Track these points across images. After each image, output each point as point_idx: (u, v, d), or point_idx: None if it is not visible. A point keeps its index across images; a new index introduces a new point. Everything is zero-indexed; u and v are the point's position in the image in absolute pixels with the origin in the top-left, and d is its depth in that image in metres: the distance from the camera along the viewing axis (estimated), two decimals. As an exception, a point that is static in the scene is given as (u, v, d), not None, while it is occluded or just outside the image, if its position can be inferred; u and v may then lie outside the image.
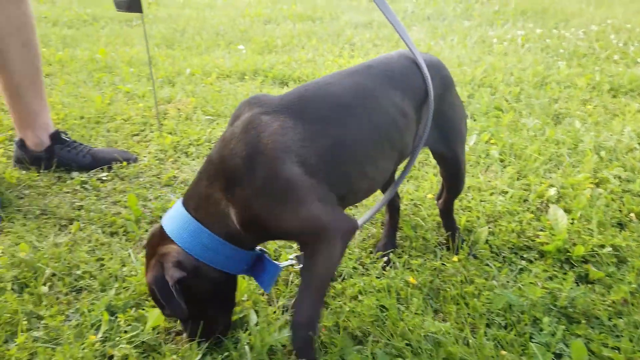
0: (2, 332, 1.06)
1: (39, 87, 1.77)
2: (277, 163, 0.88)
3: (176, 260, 0.91)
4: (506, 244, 1.42)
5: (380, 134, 1.02)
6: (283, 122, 0.91)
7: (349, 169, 0.98)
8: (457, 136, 1.26)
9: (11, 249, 1.32)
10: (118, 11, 1.84)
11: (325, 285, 0.97)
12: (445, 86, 1.21)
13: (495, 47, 3.54)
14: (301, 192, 0.89)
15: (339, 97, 0.99)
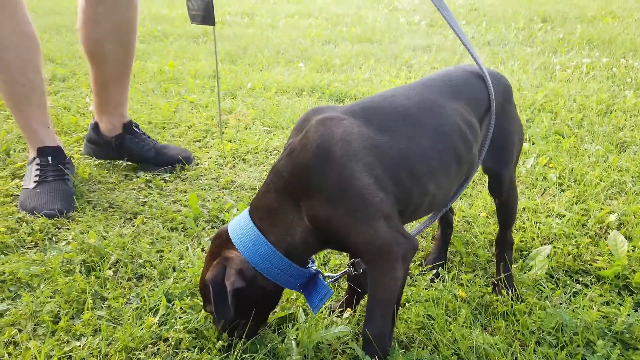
0: (70, 309, 1.14)
1: (125, 83, 1.88)
2: (347, 172, 0.87)
3: (240, 269, 0.93)
4: (561, 266, 1.39)
5: (446, 146, 1.00)
6: (348, 129, 0.91)
7: (413, 183, 0.95)
8: (507, 152, 1.20)
9: (81, 236, 1.42)
10: (192, 23, 1.96)
11: (391, 302, 0.96)
12: (506, 96, 1.19)
13: (558, 73, 3.47)
14: (370, 206, 0.88)
15: (404, 108, 0.98)
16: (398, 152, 0.93)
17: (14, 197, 1.68)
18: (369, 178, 0.89)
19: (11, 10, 1.55)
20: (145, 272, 1.29)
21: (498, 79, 1.19)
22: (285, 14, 6.54)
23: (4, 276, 1.25)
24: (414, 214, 1.02)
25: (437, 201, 1.04)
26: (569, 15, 6.16)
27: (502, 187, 1.22)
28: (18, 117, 1.67)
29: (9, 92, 1.62)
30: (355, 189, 0.88)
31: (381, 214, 0.89)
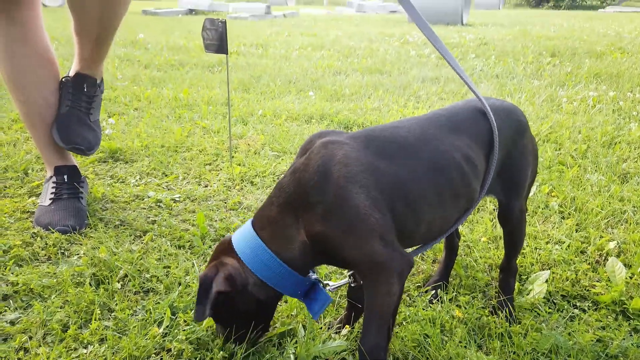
0: (79, 319, 1.19)
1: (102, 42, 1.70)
2: (343, 191, 0.93)
3: (229, 274, 0.99)
4: (559, 291, 1.41)
5: (441, 179, 1.03)
6: (348, 152, 0.96)
7: (407, 210, 0.99)
8: (518, 183, 1.22)
9: (92, 251, 1.48)
10: (207, 52, 2.06)
11: (387, 317, 0.98)
12: (518, 130, 1.20)
13: (565, 106, 3.52)
14: (365, 225, 0.93)
15: (403, 139, 1.03)
16: (393, 178, 0.98)
17: (30, 213, 1.75)
18: (365, 199, 0.94)
19: (34, 34, 1.64)
20: (152, 286, 1.33)
21: (509, 113, 1.20)
22: (298, 45, 6.72)
23: (17, 287, 1.30)
24: (410, 240, 1.06)
25: (434, 229, 1.08)
26: (577, 50, 6.26)
27: (511, 217, 1.24)
28: (35, 136, 1.75)
29: (26, 112, 1.71)
30: (351, 208, 0.93)
31: (376, 233, 0.94)
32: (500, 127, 1.15)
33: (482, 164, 1.11)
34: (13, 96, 1.71)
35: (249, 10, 14.08)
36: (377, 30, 9.13)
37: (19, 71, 1.65)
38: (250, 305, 1.02)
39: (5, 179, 2.02)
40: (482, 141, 1.12)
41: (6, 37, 1.61)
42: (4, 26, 1.59)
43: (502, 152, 1.15)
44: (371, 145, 1.00)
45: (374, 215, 0.93)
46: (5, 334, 1.14)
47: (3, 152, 2.28)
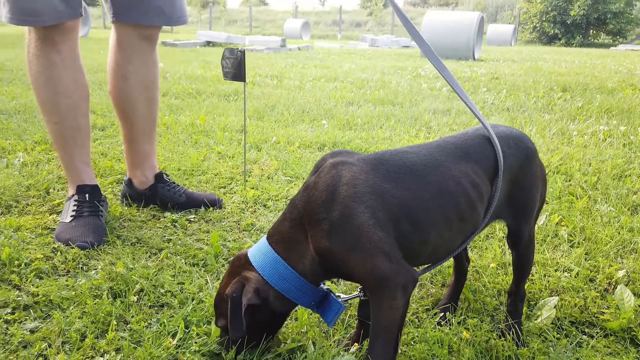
0: (96, 329, 1.22)
1: (152, 134, 2.07)
2: (349, 210, 0.98)
3: (257, 287, 1.04)
4: (568, 317, 1.41)
5: (448, 203, 1.07)
6: (356, 174, 1.02)
7: (413, 231, 1.03)
8: (527, 209, 1.24)
9: (110, 266, 1.53)
10: (225, 79, 2.15)
11: (392, 331, 1.01)
12: (527, 157, 1.23)
13: (575, 139, 3.55)
14: (368, 242, 0.97)
15: (412, 164, 1.07)
16: (400, 200, 1.02)
17: (51, 230, 1.81)
18: (370, 219, 0.98)
19: (72, 60, 1.76)
20: (167, 300, 1.37)
21: (517, 140, 1.23)
22: (312, 77, 6.87)
23: (38, 298, 1.35)
24: (416, 260, 1.09)
25: (440, 251, 1.11)
26: (589, 86, 6.32)
27: (520, 242, 1.27)
28: (63, 155, 1.83)
29: (58, 132, 1.80)
30: (355, 226, 0.97)
31: (380, 250, 0.98)
32: (508, 154, 1.18)
33: (487, 190, 1.15)
34: (46, 118, 1.80)
35: (264, 43, 14.45)
36: (389, 64, 9.31)
37: (56, 94, 1.75)
38: (267, 317, 1.06)
39: (28, 197, 2.09)
40: (488, 167, 1.16)
41: (47, 62, 1.72)
42: (47, 52, 1.71)
43: (510, 177, 1.19)
44: (380, 168, 1.05)
45: (377, 233, 0.98)
46: (26, 341, 1.18)
47: (26, 172, 2.36)
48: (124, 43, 1.89)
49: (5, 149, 2.74)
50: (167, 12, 1.88)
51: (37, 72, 1.73)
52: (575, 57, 13.15)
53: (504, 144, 1.19)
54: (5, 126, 3.23)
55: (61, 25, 1.68)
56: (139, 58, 1.92)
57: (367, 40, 19.12)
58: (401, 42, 19.14)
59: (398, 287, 0.99)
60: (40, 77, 1.73)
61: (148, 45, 1.93)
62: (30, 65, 1.74)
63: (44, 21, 1.63)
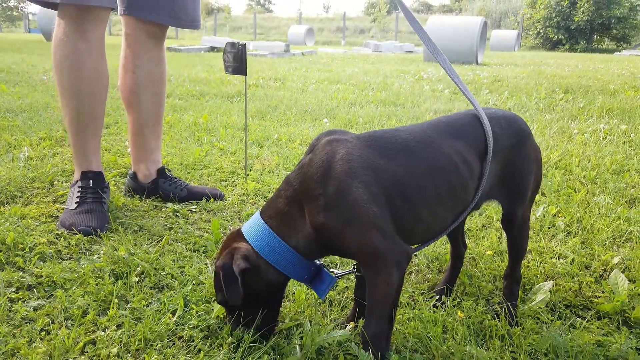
0: (98, 307, 1.25)
1: (158, 129, 2.11)
2: (344, 185, 1.00)
3: (244, 255, 1.06)
4: (562, 300, 1.43)
5: (439, 178, 1.09)
6: (350, 150, 1.04)
7: (406, 206, 1.05)
8: (520, 190, 1.26)
9: (112, 251, 1.56)
10: (226, 74, 2.18)
11: (387, 306, 1.03)
12: (519, 138, 1.23)
13: (576, 137, 3.57)
14: (364, 217, 0.99)
15: (404, 140, 1.10)
16: (393, 175, 1.05)
17: (54, 217, 1.84)
18: (364, 194, 1.00)
19: (97, 50, 1.82)
20: (167, 282, 1.40)
21: (510, 122, 1.24)
22: (315, 80, 6.92)
23: (41, 279, 1.38)
24: (409, 236, 1.10)
25: (432, 229, 1.14)
26: (591, 88, 6.33)
27: (513, 224, 1.28)
28: (75, 141, 1.87)
29: (74, 117, 1.84)
30: (350, 201, 1.00)
31: (374, 225, 1.00)
32: (500, 135, 1.20)
33: (478, 168, 1.16)
34: (64, 102, 1.85)
35: (268, 48, 14.54)
36: (392, 68, 9.36)
37: (78, 80, 1.81)
38: (262, 287, 1.09)
39: (33, 188, 2.13)
40: (478, 146, 1.17)
41: (73, 48, 1.78)
42: (75, 40, 1.77)
43: (502, 158, 1.20)
44: (373, 144, 1.07)
45: (372, 208, 1.00)
46: (29, 317, 1.21)
47: (32, 165, 2.40)
48: (131, 37, 1.94)
49: (11, 144, 2.79)
50: (179, 14, 1.94)
51: (62, 57, 1.78)
52: (579, 61, 13.17)
53: (495, 125, 1.20)
54: (11, 123, 3.28)
55: (95, 11, 1.75)
56: (146, 54, 1.97)
57: (371, 45, 19.20)
58: (405, 47, 19.21)
59: (392, 263, 1.01)
60: (65, 62, 1.78)
61: (155, 42, 1.98)
62: (55, 49, 1.80)
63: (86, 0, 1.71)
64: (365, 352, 1.04)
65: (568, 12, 26.77)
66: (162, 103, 2.10)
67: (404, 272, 1.04)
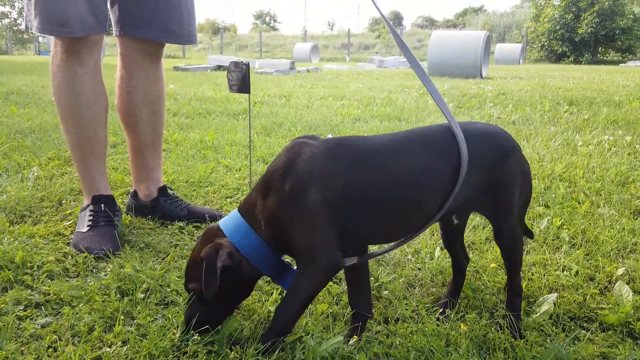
0: (104, 323, 1.27)
1: (158, 148, 2.14)
2: (300, 185, 1.09)
3: (230, 252, 1.14)
4: (567, 313, 1.43)
5: (400, 188, 1.13)
6: (314, 153, 1.12)
7: (362, 212, 1.11)
8: (505, 204, 1.25)
9: (118, 268, 1.58)
10: (230, 92, 2.22)
11: (305, 299, 1.13)
12: (501, 154, 1.23)
13: (580, 149, 3.57)
14: (311, 217, 1.08)
15: (369, 148, 1.15)
16: (351, 181, 1.11)
17: (62, 236, 1.87)
18: (317, 197, 1.08)
19: (94, 73, 1.84)
20: (172, 298, 1.41)
21: (491, 137, 1.25)
22: (319, 96, 6.98)
23: (49, 296, 1.40)
24: (364, 240, 1.18)
25: (392, 234, 1.21)
26: (595, 99, 6.34)
27: (502, 237, 1.29)
28: (80, 165, 1.90)
29: (77, 142, 1.87)
30: (302, 201, 1.08)
31: (318, 228, 1.09)
32: (479, 151, 1.20)
33: (449, 180, 1.17)
34: (66, 128, 1.88)
35: (274, 66, 14.70)
36: (397, 83, 9.42)
37: (78, 105, 1.83)
38: (236, 282, 1.17)
39: (41, 207, 2.16)
40: (452, 159, 1.17)
41: (71, 74, 1.81)
42: (71, 64, 1.80)
43: (483, 173, 1.21)
44: (339, 151, 1.13)
45: (320, 212, 1.08)
46: (37, 335, 1.23)
47: (40, 185, 2.44)
48: (126, 58, 1.97)
49: (21, 165, 2.84)
50: (174, 29, 1.95)
51: (61, 83, 1.81)
52: (584, 73, 13.18)
53: (475, 140, 1.20)
54: (21, 144, 3.34)
55: (87, 38, 1.77)
56: (142, 73, 1.99)
57: (375, 61, 19.34)
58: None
59: (322, 268, 1.11)
60: (64, 88, 1.82)
61: (151, 60, 2.01)
62: (54, 76, 1.83)
63: (73, 32, 1.72)
64: (272, 325, 1.14)
65: (572, 24, 26.87)
66: (161, 122, 2.12)
67: (330, 278, 1.14)
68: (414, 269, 1.70)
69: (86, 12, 1.72)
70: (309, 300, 1.14)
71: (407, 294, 1.53)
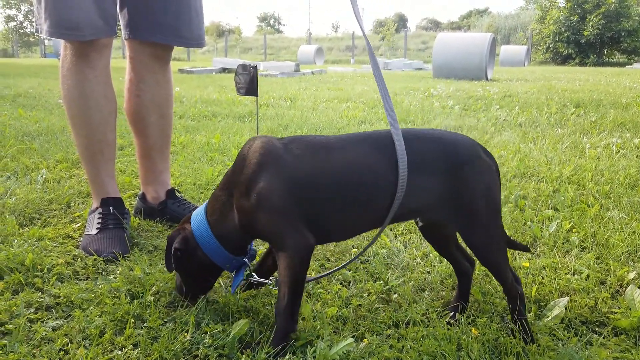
0: (114, 326, 1.27)
1: (166, 151, 2.15)
2: (256, 175, 1.16)
3: (184, 236, 1.29)
4: (578, 317, 1.42)
5: (347, 183, 1.17)
6: (266, 145, 1.19)
7: (314, 203, 1.16)
8: (471, 213, 1.23)
9: (127, 271, 1.58)
10: (238, 95, 2.22)
11: (291, 287, 1.16)
12: (458, 163, 1.21)
13: (588, 151, 3.56)
14: (271, 204, 1.14)
15: (321, 143, 1.21)
16: (303, 173, 1.17)
17: (71, 238, 1.87)
18: (276, 184, 1.15)
19: (104, 76, 1.85)
20: (182, 301, 1.41)
21: (449, 145, 1.23)
22: (325, 98, 6.98)
23: (59, 299, 1.41)
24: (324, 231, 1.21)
25: (348, 228, 1.26)
26: (602, 102, 6.31)
27: (472, 247, 1.27)
28: (89, 168, 1.90)
29: (86, 145, 1.87)
30: (260, 189, 1.15)
31: (279, 213, 1.15)
32: (432, 157, 1.20)
33: (392, 182, 1.18)
34: (75, 131, 1.88)
35: (278, 68, 14.72)
36: (402, 85, 9.42)
37: (87, 108, 1.84)
38: (195, 266, 1.31)
39: (50, 210, 2.17)
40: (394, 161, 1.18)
41: (81, 77, 1.81)
42: (81, 68, 1.81)
43: (437, 180, 1.20)
44: (292, 145, 1.19)
45: (281, 198, 1.14)
46: (48, 338, 1.23)
47: (49, 187, 2.45)
48: (136, 61, 1.98)
49: (29, 167, 2.85)
50: (183, 32, 1.96)
51: (71, 86, 1.82)
52: (590, 75, 13.13)
53: (431, 147, 1.21)
54: (29, 147, 3.35)
55: (97, 41, 1.78)
56: (151, 77, 2.00)
57: (380, 63, 19.34)
58: (414, 64, 19.33)
59: (293, 251, 1.15)
60: (74, 91, 1.82)
61: (160, 64, 2.01)
62: (64, 79, 1.83)
63: (84, 35, 1.73)
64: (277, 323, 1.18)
65: (577, 26, 26.80)
66: (169, 125, 2.12)
67: (306, 259, 1.16)
68: (423, 272, 1.69)
69: (96, 16, 1.73)
70: (297, 285, 1.17)
71: (417, 298, 1.52)
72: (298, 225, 1.15)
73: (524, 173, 2.94)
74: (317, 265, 1.72)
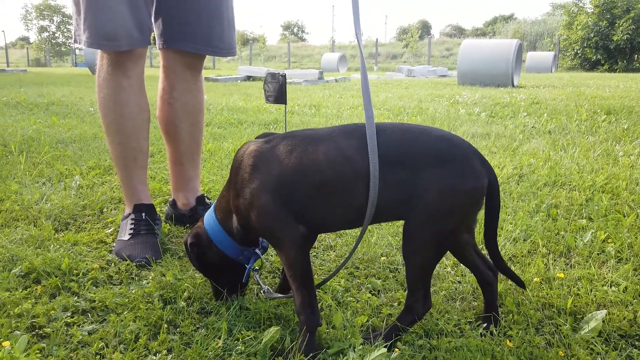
0: (148, 331, 1.29)
1: (196, 158, 2.18)
2: (247, 175, 1.22)
3: (196, 233, 1.38)
4: (617, 330, 1.38)
5: (331, 173, 1.17)
6: (259, 147, 1.25)
7: (304, 199, 1.19)
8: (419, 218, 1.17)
9: (159, 276, 1.60)
10: (267, 103, 2.24)
11: (302, 276, 1.20)
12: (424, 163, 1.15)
13: (621, 160, 3.47)
14: (260, 203, 1.19)
15: (311, 137, 1.22)
16: (291, 171, 1.19)
17: (105, 244, 1.91)
18: (262, 185, 1.19)
19: (138, 85, 1.90)
20: (213, 307, 1.43)
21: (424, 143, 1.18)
22: (349, 106, 6.99)
23: (94, 303, 1.43)
24: (314, 225, 1.23)
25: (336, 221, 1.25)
26: (635, 108, 6.15)
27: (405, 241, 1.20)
28: (123, 175, 1.95)
29: (121, 152, 1.92)
30: (251, 187, 1.21)
31: (269, 210, 1.19)
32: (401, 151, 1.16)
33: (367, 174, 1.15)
34: (110, 138, 1.93)
35: (302, 76, 14.80)
36: (426, 92, 9.36)
37: (122, 117, 1.89)
38: (214, 261, 1.38)
39: (84, 216, 2.22)
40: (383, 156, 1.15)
41: (116, 86, 1.86)
42: (118, 77, 1.86)
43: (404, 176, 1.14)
44: (282, 143, 1.23)
45: (268, 196, 1.19)
46: (84, 341, 1.25)
47: (82, 193, 2.51)
48: (169, 70, 2.02)
49: (63, 174, 2.93)
50: (215, 42, 1.99)
51: (107, 95, 1.87)
52: (620, 81, 12.82)
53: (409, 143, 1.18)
54: (63, 154, 3.44)
55: (133, 51, 1.83)
56: (183, 85, 2.04)
57: (404, 70, 19.27)
58: (438, 71, 19.19)
59: (287, 243, 1.19)
60: (109, 100, 1.87)
61: (192, 73, 2.05)
62: (100, 88, 1.88)
63: (120, 45, 1.78)
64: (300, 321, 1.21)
65: (606, 31, 26.25)
66: (200, 133, 2.16)
67: (302, 248, 1.20)
68: (453, 282, 1.67)
69: (132, 27, 1.77)
70: (303, 275, 1.20)
71: (448, 307, 1.50)
72: (289, 219, 1.19)
73: (555, 181, 2.88)
74: (347, 273, 1.71)
